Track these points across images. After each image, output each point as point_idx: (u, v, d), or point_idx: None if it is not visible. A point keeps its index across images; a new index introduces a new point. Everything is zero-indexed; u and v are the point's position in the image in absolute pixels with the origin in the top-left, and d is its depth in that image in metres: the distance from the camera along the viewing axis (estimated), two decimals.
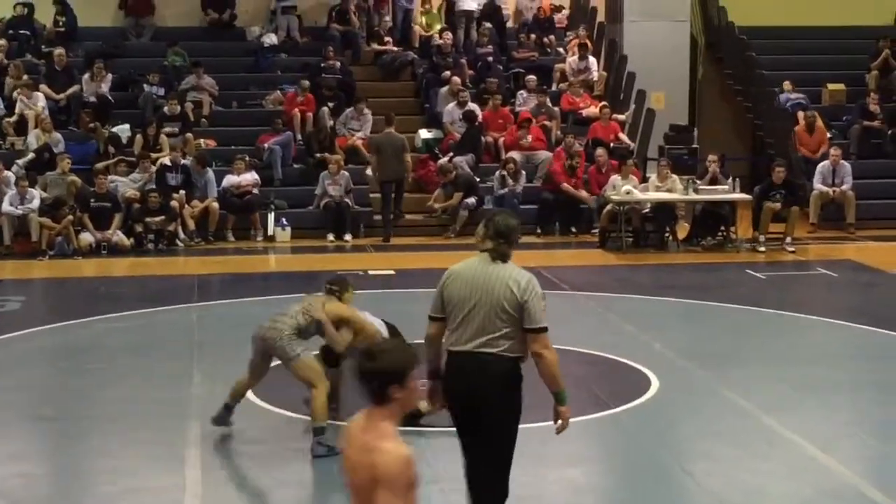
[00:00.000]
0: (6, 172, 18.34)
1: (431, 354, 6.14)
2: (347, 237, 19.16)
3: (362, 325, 8.68)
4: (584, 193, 19.54)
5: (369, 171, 20.46)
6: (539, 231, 19.32)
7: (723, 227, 18.61)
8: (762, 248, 17.94)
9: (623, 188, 18.24)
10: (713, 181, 18.83)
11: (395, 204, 19.59)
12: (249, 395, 9.70)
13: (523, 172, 20.05)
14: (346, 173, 19.56)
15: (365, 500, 3.96)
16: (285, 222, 19.27)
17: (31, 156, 19.31)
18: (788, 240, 18.08)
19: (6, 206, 17.84)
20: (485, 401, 5.96)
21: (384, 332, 8.89)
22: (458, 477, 7.67)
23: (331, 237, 19.12)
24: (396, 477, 3.91)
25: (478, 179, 20.03)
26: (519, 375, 6.05)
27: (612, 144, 20.56)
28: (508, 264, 6.12)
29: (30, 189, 17.99)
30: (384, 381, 4.06)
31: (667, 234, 18.65)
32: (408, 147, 19.85)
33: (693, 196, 18.42)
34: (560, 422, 6.15)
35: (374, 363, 4.09)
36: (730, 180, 18.62)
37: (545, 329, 6.01)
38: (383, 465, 3.91)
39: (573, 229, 19.62)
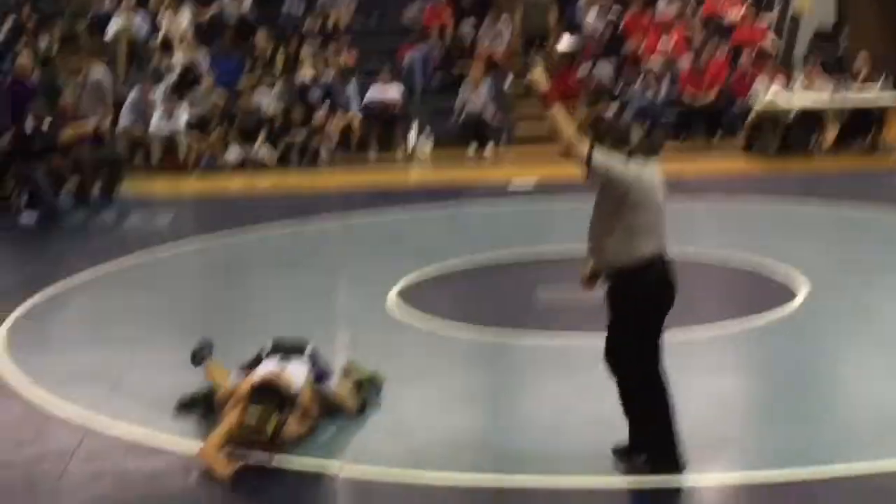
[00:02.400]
0: (153, 91, 18.69)
1: None
2: (489, 148, 19.15)
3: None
4: (711, 96, 19.19)
5: (507, 84, 20.42)
6: (682, 138, 19.08)
7: (873, 131, 18.13)
8: None
9: (769, 93, 17.89)
10: (863, 83, 18.32)
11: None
12: (389, 301, 9.84)
13: (664, 80, 19.76)
14: (487, 84, 19.52)
15: None
16: (427, 135, 19.33)
17: (176, 74, 19.64)
18: None
19: (155, 125, 18.20)
20: None
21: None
22: (603, 386, 7.69)
23: (472, 149, 19.13)
24: None
25: (619, 88, 19.81)
26: None
27: (756, 49, 20.11)
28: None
29: (176, 107, 18.33)
30: None
31: (814, 139, 18.25)
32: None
33: (841, 99, 17.95)
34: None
35: None
36: (880, 82, 18.10)
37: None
38: None
39: (717, 136, 19.33)
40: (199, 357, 7.79)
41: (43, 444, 6.96)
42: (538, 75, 6.02)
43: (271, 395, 6.68)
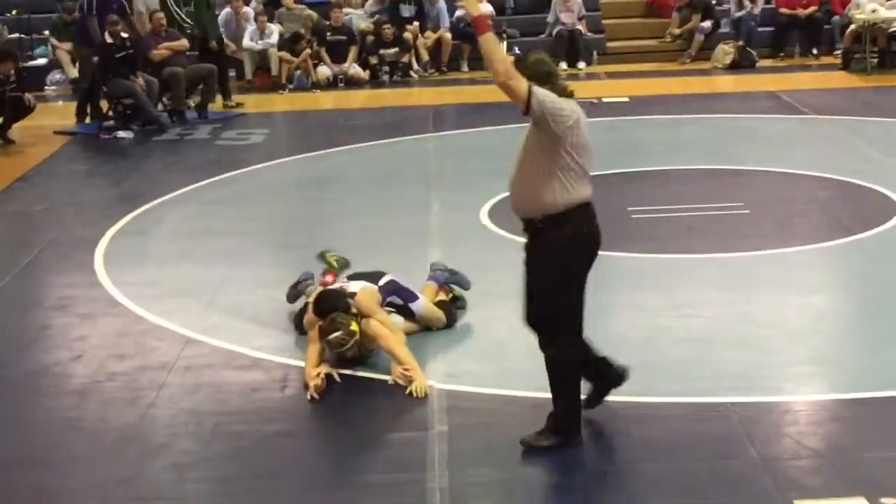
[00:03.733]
0: (245, 8, 18.73)
1: None
2: (581, 65, 18.99)
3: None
4: (809, 10, 18.81)
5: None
6: (782, 54, 18.77)
7: None
8: None
9: (868, 6, 17.49)
10: None
11: None
12: (483, 217, 9.88)
13: None
14: (579, 1, 19.31)
15: None
16: (518, 51, 19.18)
17: None
18: None
19: (247, 42, 18.28)
20: None
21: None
22: (697, 303, 7.70)
23: (564, 65, 18.96)
24: None
25: (714, 2, 19.48)
26: None
27: None
28: None
29: (268, 24, 18.38)
30: None
31: None
32: None
33: None
34: None
35: None
36: None
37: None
38: None
39: (814, 51, 18.97)
40: (294, 295, 7.71)
41: (143, 357, 7.13)
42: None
43: (330, 301, 6.82)
